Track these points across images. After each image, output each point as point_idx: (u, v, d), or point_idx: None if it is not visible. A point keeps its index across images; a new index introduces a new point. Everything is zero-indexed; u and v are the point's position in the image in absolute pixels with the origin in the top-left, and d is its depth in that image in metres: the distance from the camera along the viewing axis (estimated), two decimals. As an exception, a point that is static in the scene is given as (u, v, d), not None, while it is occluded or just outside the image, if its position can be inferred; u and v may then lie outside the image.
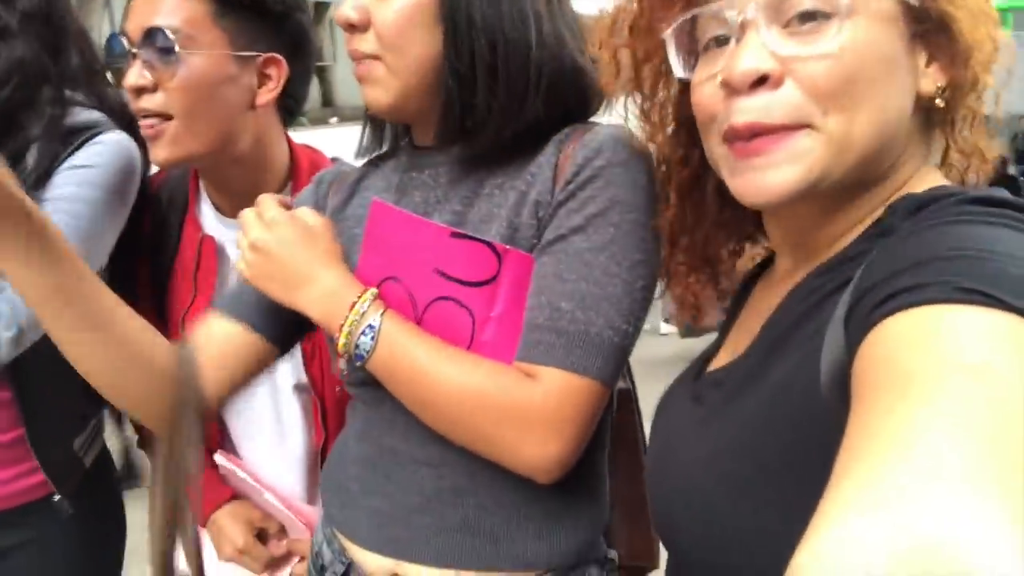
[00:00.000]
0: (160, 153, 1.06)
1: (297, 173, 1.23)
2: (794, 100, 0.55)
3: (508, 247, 0.81)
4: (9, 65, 1.00)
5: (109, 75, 1.10)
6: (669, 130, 0.72)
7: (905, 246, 0.49)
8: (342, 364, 0.87)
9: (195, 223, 1.21)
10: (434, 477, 0.85)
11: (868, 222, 0.58)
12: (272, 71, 1.11)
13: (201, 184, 1.23)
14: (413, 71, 0.81)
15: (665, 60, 0.65)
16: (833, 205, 0.60)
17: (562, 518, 0.85)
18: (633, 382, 1.02)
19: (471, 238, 0.82)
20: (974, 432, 0.36)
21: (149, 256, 1.23)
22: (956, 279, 0.43)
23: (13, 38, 1.00)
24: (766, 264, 0.75)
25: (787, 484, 0.43)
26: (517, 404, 0.76)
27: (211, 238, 1.20)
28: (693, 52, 0.63)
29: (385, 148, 0.97)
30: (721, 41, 0.60)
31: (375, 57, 0.81)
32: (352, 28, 0.81)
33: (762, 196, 0.58)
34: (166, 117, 1.04)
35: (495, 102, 0.80)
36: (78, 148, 1.04)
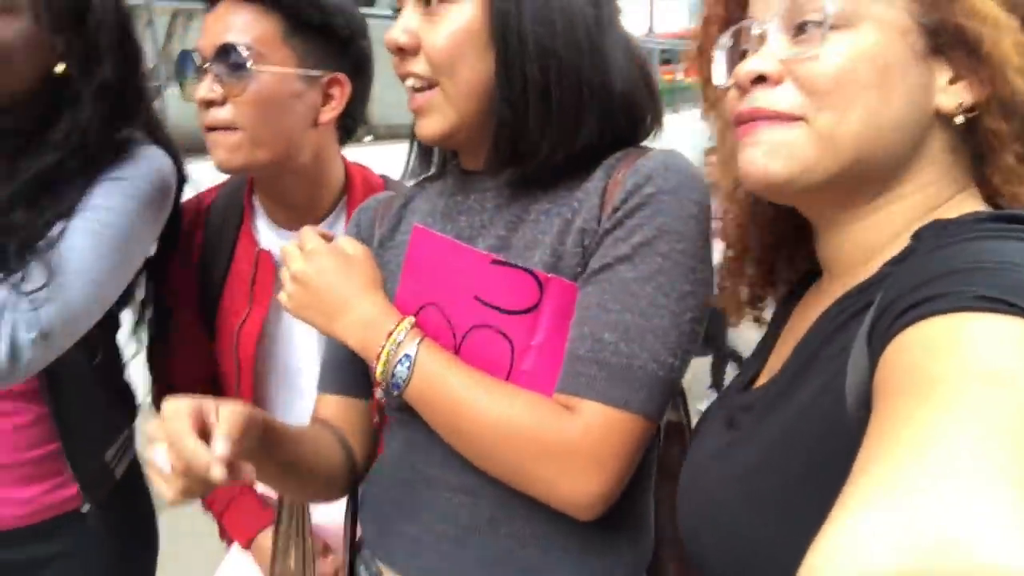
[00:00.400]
0: (226, 161, 1.09)
1: (351, 190, 1.26)
2: (791, 96, 0.60)
3: (551, 275, 0.80)
4: (69, 130, 1.01)
5: (178, 90, 1.13)
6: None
7: (924, 262, 0.50)
8: (379, 393, 0.88)
9: (251, 237, 1.24)
10: (469, 507, 0.83)
11: (897, 245, 0.58)
12: (335, 91, 1.15)
13: (256, 200, 1.26)
14: (467, 96, 0.80)
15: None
16: (848, 215, 0.63)
17: (603, 554, 0.83)
18: (688, 414, 0.99)
19: (512, 266, 0.81)
20: (993, 436, 0.36)
21: (199, 268, 1.26)
22: (976, 289, 0.44)
23: (83, 105, 1.01)
24: (807, 283, 0.75)
25: (812, 501, 0.43)
26: (555, 438, 0.75)
27: (268, 252, 1.22)
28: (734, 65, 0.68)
29: (432, 171, 0.98)
30: (747, 53, 0.65)
31: (432, 84, 0.80)
32: (401, 52, 0.81)
33: (751, 177, 0.63)
34: (233, 129, 1.07)
35: (548, 128, 0.79)
36: (117, 161, 1.06)
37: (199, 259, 1.26)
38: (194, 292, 1.26)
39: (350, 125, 1.26)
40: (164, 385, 1.28)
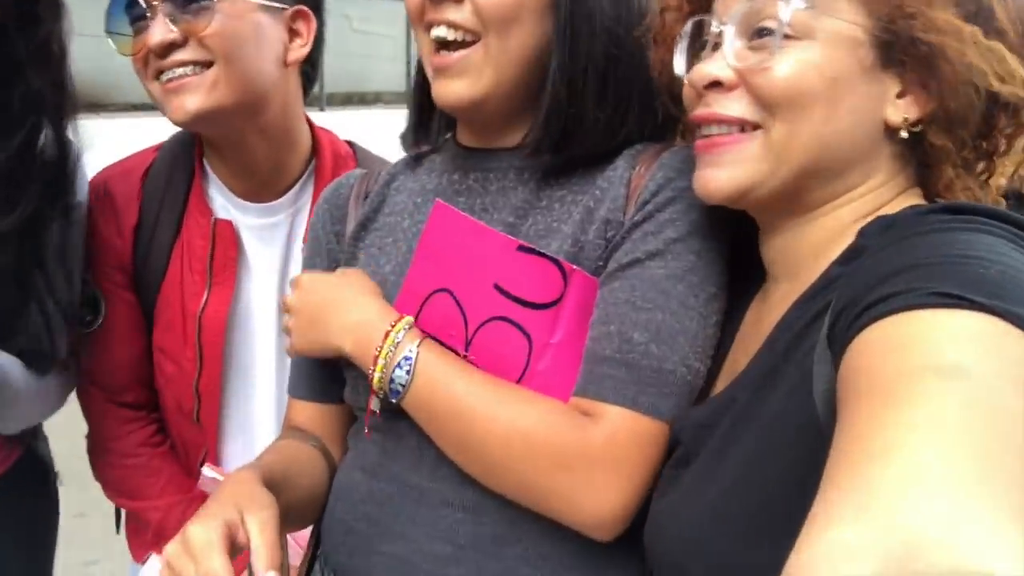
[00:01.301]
0: (192, 103, 0.96)
1: (319, 155, 1.14)
2: (744, 103, 0.62)
3: (575, 267, 0.73)
4: (25, 102, 0.94)
5: (112, 44, 1.00)
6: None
7: (876, 261, 0.51)
8: (374, 404, 0.77)
9: (203, 206, 1.10)
10: (471, 523, 0.74)
11: (841, 244, 0.59)
12: (301, 26, 1.06)
13: (208, 167, 1.12)
14: (512, 61, 0.73)
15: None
16: (794, 219, 0.65)
17: (613, 571, 0.74)
18: None
19: (539, 254, 0.73)
20: (949, 432, 0.37)
21: (135, 242, 1.11)
22: (929, 285, 0.45)
23: (26, 71, 0.94)
24: (752, 282, 0.74)
25: (795, 514, 0.41)
26: (575, 448, 0.67)
27: (227, 222, 1.09)
28: (694, 57, 0.70)
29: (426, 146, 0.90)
30: (706, 47, 0.67)
31: (471, 41, 0.72)
32: None
33: (703, 192, 0.66)
34: (205, 65, 0.97)
35: (601, 113, 0.75)
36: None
37: (134, 231, 1.10)
38: (128, 271, 1.11)
39: (310, 74, 1.15)
40: (88, 380, 1.13)
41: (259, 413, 1.13)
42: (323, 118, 1.28)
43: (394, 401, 0.72)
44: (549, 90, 0.73)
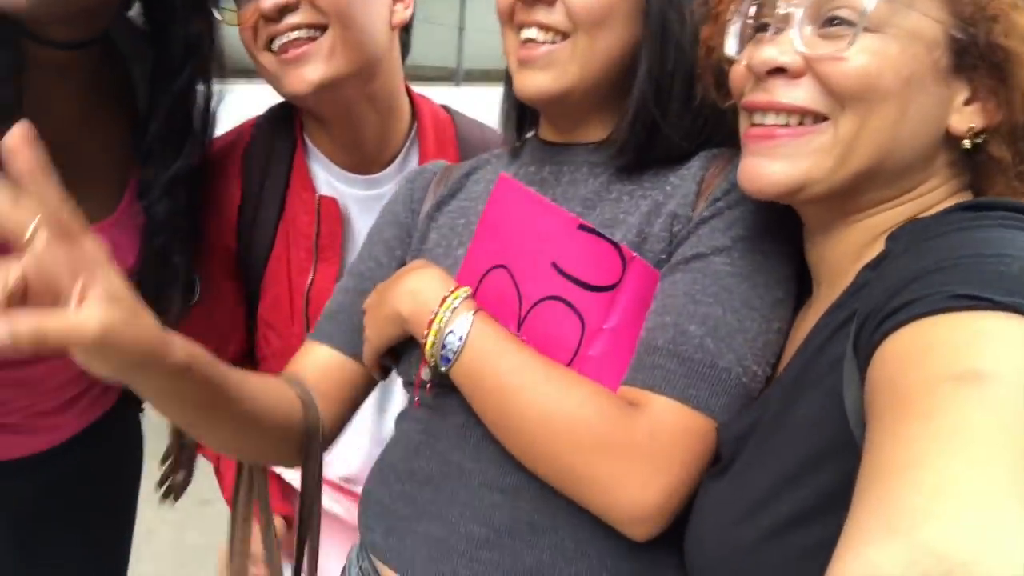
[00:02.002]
0: (313, 73, 0.94)
1: (420, 123, 1.10)
2: (810, 92, 0.59)
3: (635, 255, 0.72)
4: (186, 47, 0.94)
5: (218, 16, 0.99)
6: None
7: (898, 265, 0.50)
8: (424, 374, 0.77)
9: (306, 181, 1.09)
10: (508, 508, 0.72)
11: (876, 248, 0.58)
12: None
13: (309, 141, 1.10)
14: (599, 58, 0.74)
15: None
16: (842, 220, 0.63)
17: None
18: None
19: (599, 235, 0.72)
20: (975, 440, 0.36)
21: (240, 220, 1.10)
22: (948, 287, 0.44)
23: (186, 14, 0.94)
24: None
25: (830, 525, 0.41)
26: (618, 436, 0.65)
27: (331, 199, 1.07)
28: (748, 38, 0.66)
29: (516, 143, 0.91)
30: (766, 29, 0.63)
31: (563, 36, 0.73)
32: (533, 1, 0.73)
33: (751, 185, 0.63)
34: (319, 28, 0.95)
35: (686, 115, 0.75)
36: None
37: (239, 209, 1.09)
38: (231, 248, 1.10)
39: (406, 41, 1.12)
40: None
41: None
42: (458, 93, 1.24)
43: (443, 369, 0.73)
44: (637, 93, 0.74)
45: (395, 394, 1.16)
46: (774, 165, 0.61)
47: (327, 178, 1.10)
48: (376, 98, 1.04)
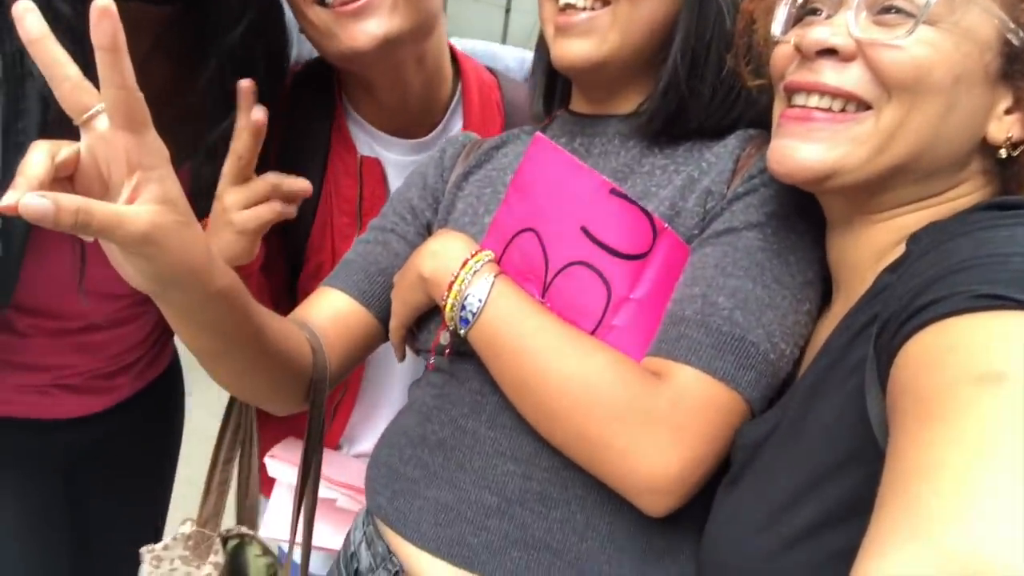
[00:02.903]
0: (377, 27, 0.88)
1: (466, 83, 1.06)
2: (859, 78, 0.58)
3: (667, 226, 0.70)
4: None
5: None
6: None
7: (920, 266, 0.49)
8: (443, 337, 0.77)
9: (347, 142, 1.05)
10: (520, 477, 0.70)
11: (898, 251, 0.57)
12: None
13: (348, 104, 1.07)
14: (639, 25, 0.72)
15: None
16: (867, 218, 0.62)
17: (665, 559, 0.68)
18: None
19: (631, 201, 0.70)
20: (997, 442, 0.36)
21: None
22: (971, 287, 0.43)
23: None
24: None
25: (852, 532, 0.40)
26: (639, 403, 0.63)
27: (374, 160, 1.04)
28: (796, 21, 0.65)
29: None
30: (817, 13, 0.63)
31: (603, 2, 0.72)
32: None
33: (781, 166, 0.61)
34: None
35: (719, 89, 0.74)
36: None
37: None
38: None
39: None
40: None
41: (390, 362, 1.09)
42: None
43: (462, 332, 0.71)
44: (671, 61, 0.73)
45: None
46: (807, 148, 0.60)
47: (368, 141, 1.07)
48: (425, 59, 1.00)
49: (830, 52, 0.59)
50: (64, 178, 0.53)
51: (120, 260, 0.56)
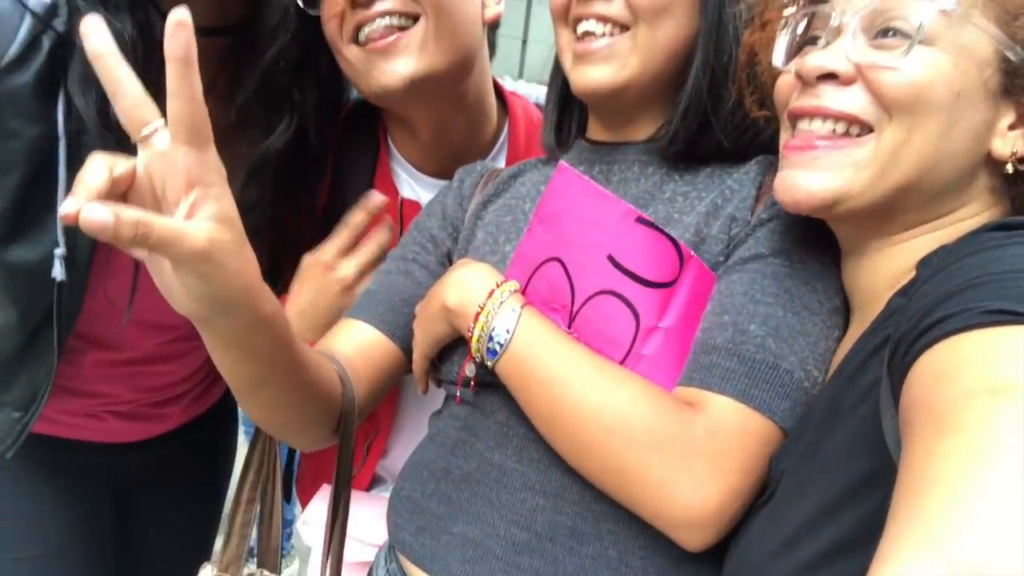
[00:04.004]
0: (404, 66, 0.88)
1: (513, 122, 1.05)
2: (860, 100, 0.58)
3: (693, 253, 0.69)
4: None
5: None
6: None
7: (931, 285, 0.49)
8: (468, 369, 0.75)
9: (389, 183, 1.05)
10: (551, 511, 0.69)
11: (911, 275, 0.56)
12: None
13: (392, 143, 1.06)
14: (661, 50, 0.72)
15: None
16: (878, 243, 0.62)
17: None
18: None
19: (658, 229, 0.69)
20: (1011, 455, 0.36)
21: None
22: (982, 303, 0.43)
23: None
24: None
25: (868, 556, 0.39)
26: (672, 434, 0.61)
27: (414, 203, 1.02)
28: (796, 51, 0.67)
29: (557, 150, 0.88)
30: (815, 42, 0.64)
31: (622, 28, 0.72)
32: None
33: (788, 197, 0.62)
34: (411, 17, 0.89)
35: (737, 111, 0.73)
36: None
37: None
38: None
39: (493, 41, 1.06)
40: None
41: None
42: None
43: (489, 364, 0.70)
44: (691, 82, 0.73)
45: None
46: (811, 177, 0.60)
47: (409, 181, 1.06)
48: (465, 99, 0.99)
49: (830, 77, 0.60)
50: (118, 195, 0.52)
51: (170, 282, 0.54)
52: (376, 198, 0.97)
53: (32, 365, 0.92)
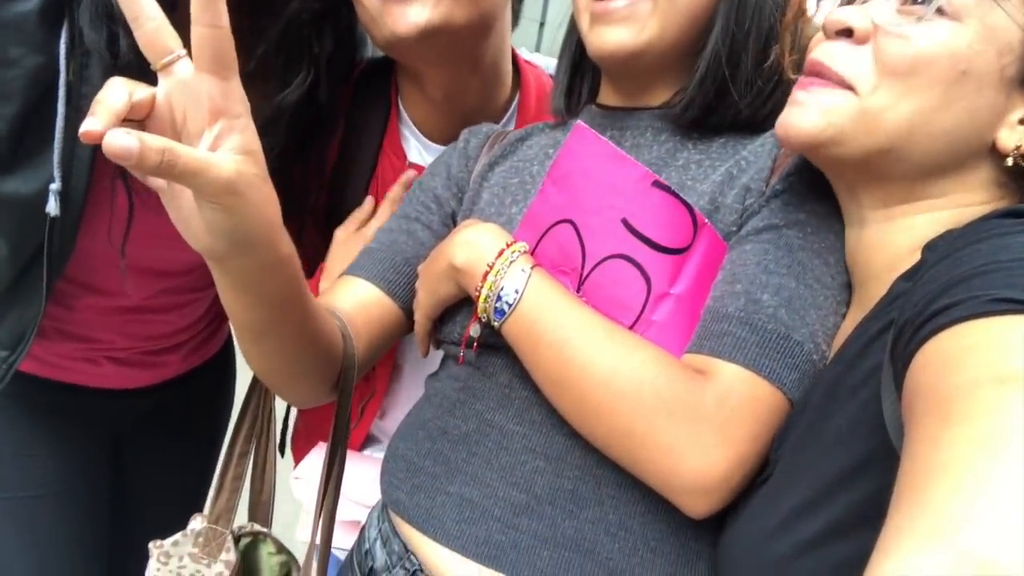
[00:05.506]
0: (419, 14, 0.84)
1: (524, 91, 1.04)
2: (859, 60, 0.58)
3: (707, 221, 0.68)
4: None
5: None
6: None
7: (937, 272, 0.49)
8: (473, 330, 0.75)
9: (397, 149, 1.04)
10: (550, 474, 0.68)
11: (914, 259, 0.56)
12: None
13: (403, 107, 1.05)
14: (680, 13, 0.71)
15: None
16: (878, 215, 0.62)
17: (700, 564, 0.66)
18: None
19: (673, 193, 0.68)
20: (1014, 444, 0.35)
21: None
22: (989, 291, 0.43)
23: None
24: None
25: (864, 539, 0.39)
26: (681, 400, 0.61)
27: (421, 168, 1.02)
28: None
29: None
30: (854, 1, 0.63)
31: None
32: None
33: (782, 134, 0.63)
34: None
35: (756, 80, 0.73)
36: None
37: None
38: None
39: (518, 9, 1.05)
40: None
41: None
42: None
43: (496, 324, 0.70)
44: (710, 49, 0.71)
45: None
46: (803, 114, 0.61)
47: (418, 147, 1.06)
48: (482, 62, 0.96)
49: (848, 33, 0.60)
50: (134, 124, 0.51)
51: (189, 217, 0.53)
52: (411, 173, 0.99)
53: (21, 304, 0.91)
